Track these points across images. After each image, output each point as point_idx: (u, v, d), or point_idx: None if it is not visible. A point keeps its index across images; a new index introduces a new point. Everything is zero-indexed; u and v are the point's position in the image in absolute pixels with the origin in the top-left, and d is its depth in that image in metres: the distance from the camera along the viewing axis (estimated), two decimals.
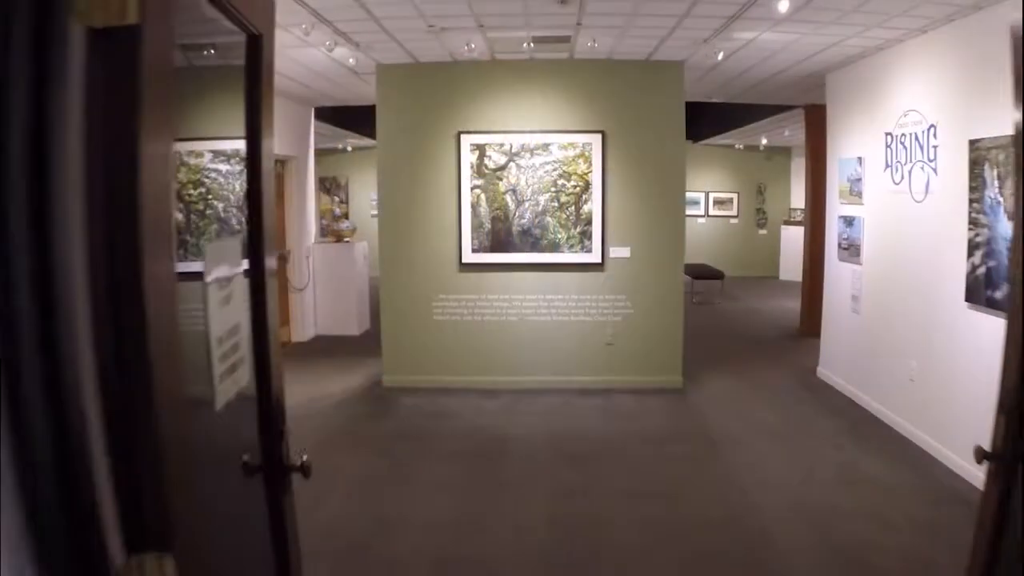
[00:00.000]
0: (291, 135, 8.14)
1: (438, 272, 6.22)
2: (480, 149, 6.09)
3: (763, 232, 14.52)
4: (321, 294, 8.79)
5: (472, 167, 6.10)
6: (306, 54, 5.47)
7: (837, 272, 6.39)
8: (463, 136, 6.08)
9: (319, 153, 14.35)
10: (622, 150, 6.09)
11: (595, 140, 6.06)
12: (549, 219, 6.15)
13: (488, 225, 6.17)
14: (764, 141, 12.19)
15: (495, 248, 6.18)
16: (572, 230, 6.14)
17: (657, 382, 6.22)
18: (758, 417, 5.54)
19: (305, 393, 6.19)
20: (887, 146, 5.40)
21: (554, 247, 6.16)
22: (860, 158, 5.87)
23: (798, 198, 14.14)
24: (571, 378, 6.24)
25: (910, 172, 5.02)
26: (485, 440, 5.08)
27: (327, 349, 8.10)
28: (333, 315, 8.80)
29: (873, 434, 5.11)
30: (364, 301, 9.02)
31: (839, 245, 6.32)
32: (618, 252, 6.16)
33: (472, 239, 6.16)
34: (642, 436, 5.14)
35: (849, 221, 6.11)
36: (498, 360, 6.27)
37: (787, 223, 14.07)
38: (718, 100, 8.14)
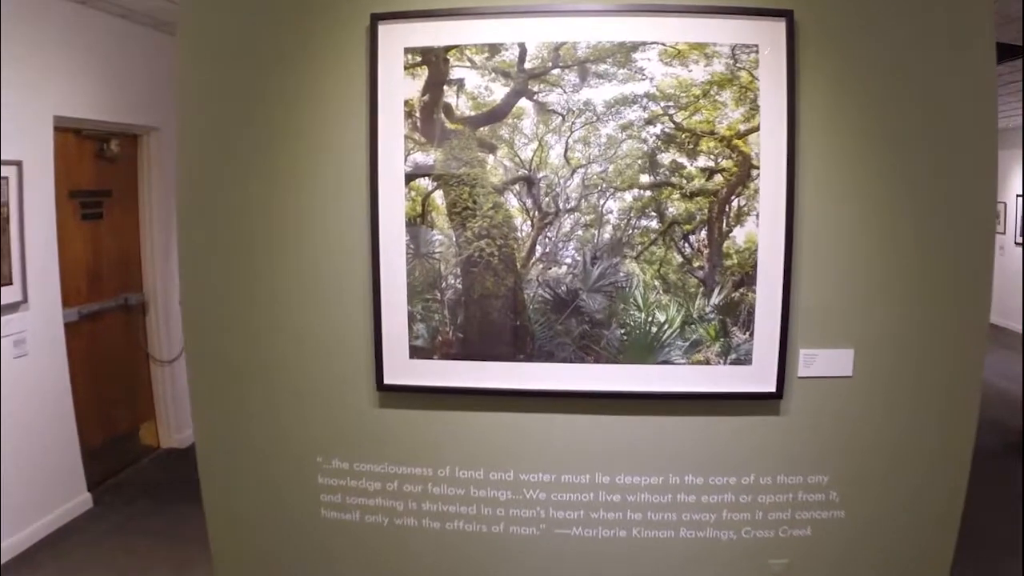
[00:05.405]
0: (149, 90, 4.43)
1: (326, 402, 2.36)
2: (432, 60, 2.18)
3: None
4: None
5: (412, 113, 2.21)
6: None
7: None
8: (383, 26, 2.17)
9: None
10: (842, 70, 2.13)
11: (768, 36, 2.10)
12: (632, 266, 2.21)
13: (456, 281, 2.25)
14: None
15: (473, 349, 2.24)
16: (700, 299, 2.20)
17: None
18: None
19: None
20: None
21: (644, 348, 2.19)
22: None
23: None
24: None
25: None
26: None
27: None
28: None
29: None
30: None
31: None
32: (824, 361, 2.19)
33: (413, 320, 2.27)
34: None
35: None
36: None
37: None
38: None
